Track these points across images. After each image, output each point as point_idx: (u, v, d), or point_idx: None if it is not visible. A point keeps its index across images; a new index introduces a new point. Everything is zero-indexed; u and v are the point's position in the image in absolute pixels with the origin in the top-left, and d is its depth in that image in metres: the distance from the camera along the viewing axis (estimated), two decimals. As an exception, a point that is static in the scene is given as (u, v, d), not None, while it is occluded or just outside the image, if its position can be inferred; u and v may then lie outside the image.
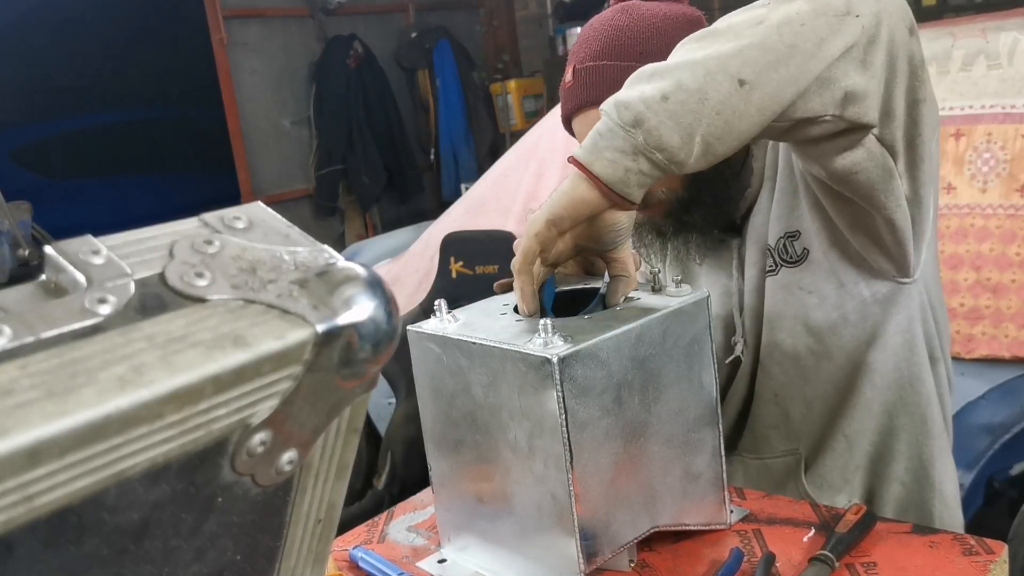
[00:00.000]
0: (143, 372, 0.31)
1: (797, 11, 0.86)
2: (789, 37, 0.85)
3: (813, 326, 1.13)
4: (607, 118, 0.87)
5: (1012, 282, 1.84)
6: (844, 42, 0.86)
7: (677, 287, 0.93)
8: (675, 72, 0.85)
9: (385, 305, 0.38)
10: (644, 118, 0.84)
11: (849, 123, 0.90)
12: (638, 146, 0.85)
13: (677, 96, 0.84)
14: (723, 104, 0.84)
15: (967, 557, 0.88)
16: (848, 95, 0.88)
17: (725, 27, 0.88)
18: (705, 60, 0.85)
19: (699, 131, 0.84)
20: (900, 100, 0.92)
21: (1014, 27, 1.89)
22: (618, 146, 0.86)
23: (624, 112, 0.85)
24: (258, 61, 4.95)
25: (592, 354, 0.83)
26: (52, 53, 5.22)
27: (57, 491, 0.29)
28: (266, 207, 0.41)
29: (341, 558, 1.03)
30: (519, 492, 0.89)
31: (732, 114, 0.85)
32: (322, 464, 0.42)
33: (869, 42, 0.87)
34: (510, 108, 5.49)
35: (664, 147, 0.85)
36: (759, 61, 0.84)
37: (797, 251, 1.12)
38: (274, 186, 5.06)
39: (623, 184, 0.87)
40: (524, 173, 2.77)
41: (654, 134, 0.84)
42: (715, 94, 0.84)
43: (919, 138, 0.97)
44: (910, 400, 1.15)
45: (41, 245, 1.86)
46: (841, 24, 0.85)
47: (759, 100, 0.85)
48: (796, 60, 0.85)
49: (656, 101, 0.84)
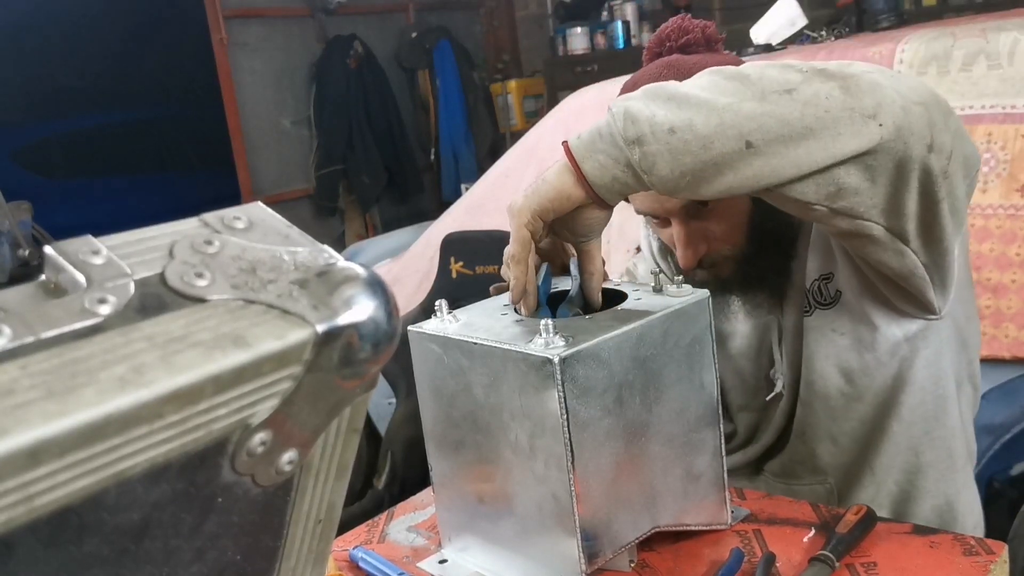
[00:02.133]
0: (143, 372, 0.31)
1: (827, 95, 0.84)
2: (810, 119, 0.83)
3: (845, 368, 1.12)
4: (612, 122, 0.86)
5: (1012, 282, 1.84)
6: (858, 145, 0.84)
7: (678, 287, 0.93)
8: (691, 109, 0.84)
9: (385, 305, 0.38)
10: (646, 140, 0.84)
11: (839, 214, 0.89)
12: (631, 162, 0.85)
13: (684, 135, 0.83)
14: (724, 158, 0.84)
15: (967, 557, 0.87)
16: (841, 190, 0.86)
17: (756, 78, 0.86)
18: (723, 110, 0.84)
19: (692, 172, 0.85)
20: (912, 201, 0.90)
21: (1014, 27, 1.89)
22: (612, 154, 0.86)
23: (629, 126, 0.85)
24: (258, 61, 4.95)
25: (593, 354, 0.83)
26: (52, 53, 5.22)
27: (57, 491, 0.29)
28: (266, 207, 0.41)
29: (341, 558, 1.03)
30: (520, 492, 0.89)
31: (729, 170, 0.84)
32: (322, 464, 0.41)
33: (882, 152, 0.85)
34: (510, 108, 5.49)
35: (654, 173, 0.85)
36: (772, 131, 0.83)
37: (831, 293, 1.11)
38: (274, 186, 5.06)
39: (606, 189, 0.88)
40: (524, 173, 2.77)
41: (649, 159, 0.84)
42: (720, 146, 0.83)
43: (936, 226, 0.93)
44: (936, 434, 1.14)
45: (41, 245, 1.86)
46: (863, 127, 0.83)
47: (759, 167, 0.84)
48: (807, 145, 0.84)
49: (663, 131, 0.84)
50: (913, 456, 1.15)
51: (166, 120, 5.83)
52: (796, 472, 1.20)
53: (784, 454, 1.21)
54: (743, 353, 1.23)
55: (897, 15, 3.03)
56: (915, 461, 1.15)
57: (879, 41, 2.12)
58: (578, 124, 1.16)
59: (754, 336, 1.22)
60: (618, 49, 5.00)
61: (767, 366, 1.21)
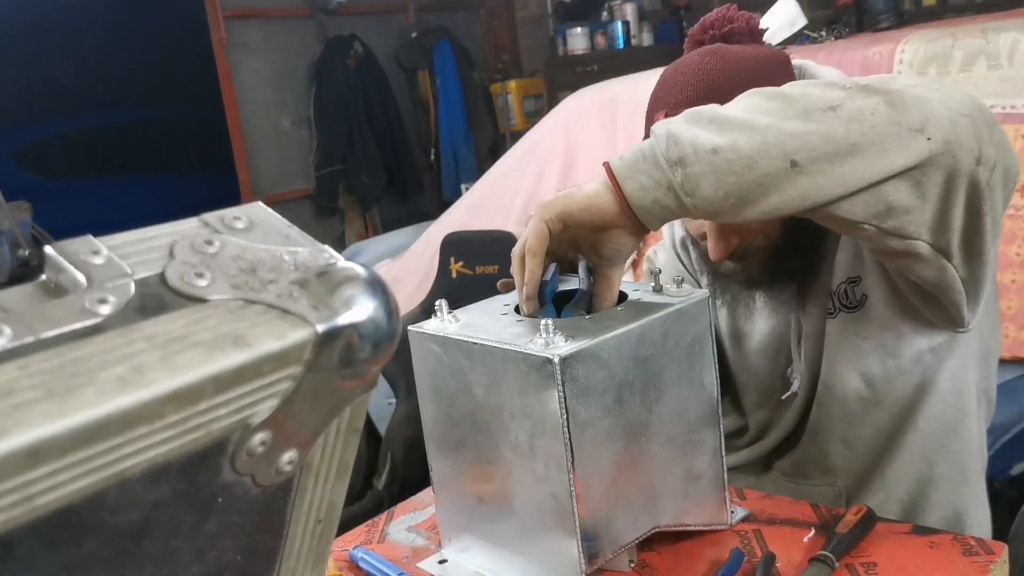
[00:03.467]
0: (143, 372, 0.31)
1: (872, 110, 0.83)
2: (855, 136, 0.82)
3: (867, 373, 1.11)
4: (655, 143, 0.85)
5: (1012, 282, 1.84)
6: (905, 160, 0.82)
7: (678, 287, 0.93)
8: (734, 129, 0.83)
9: (385, 305, 0.38)
10: (689, 162, 0.83)
11: (889, 234, 0.88)
12: (673, 184, 0.84)
13: (727, 155, 0.82)
14: (768, 178, 0.83)
15: (967, 557, 0.87)
16: (891, 209, 0.85)
17: (799, 96, 0.85)
18: (766, 129, 0.83)
19: (736, 194, 0.83)
20: (958, 215, 0.88)
21: (1014, 27, 1.89)
22: (655, 176, 0.85)
23: (672, 147, 0.84)
24: (258, 61, 4.94)
25: (593, 354, 0.83)
26: (52, 53, 5.22)
27: (57, 491, 0.29)
28: (266, 207, 0.41)
29: (341, 558, 1.03)
30: (520, 492, 0.89)
31: (774, 190, 0.83)
32: (322, 464, 0.41)
33: (931, 166, 0.83)
34: (510, 108, 5.49)
35: (697, 196, 0.84)
36: (817, 149, 0.82)
37: (857, 296, 1.10)
38: (274, 186, 5.06)
39: (646, 212, 0.86)
40: (524, 173, 2.77)
41: (692, 180, 0.83)
42: (764, 166, 0.82)
43: (979, 240, 0.92)
44: (952, 447, 1.13)
45: (41, 245, 1.86)
46: (910, 141, 0.82)
47: (805, 186, 0.83)
48: (853, 162, 0.82)
49: (706, 151, 0.83)
50: (927, 467, 1.13)
51: (166, 120, 5.82)
52: (806, 472, 1.20)
53: (795, 453, 1.20)
54: (761, 351, 1.22)
55: (897, 15, 3.03)
56: (928, 472, 1.14)
57: (879, 41, 2.12)
58: (578, 124, 1.16)
59: (773, 334, 1.21)
60: (618, 49, 4.99)
61: (784, 364, 1.20)
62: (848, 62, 2.10)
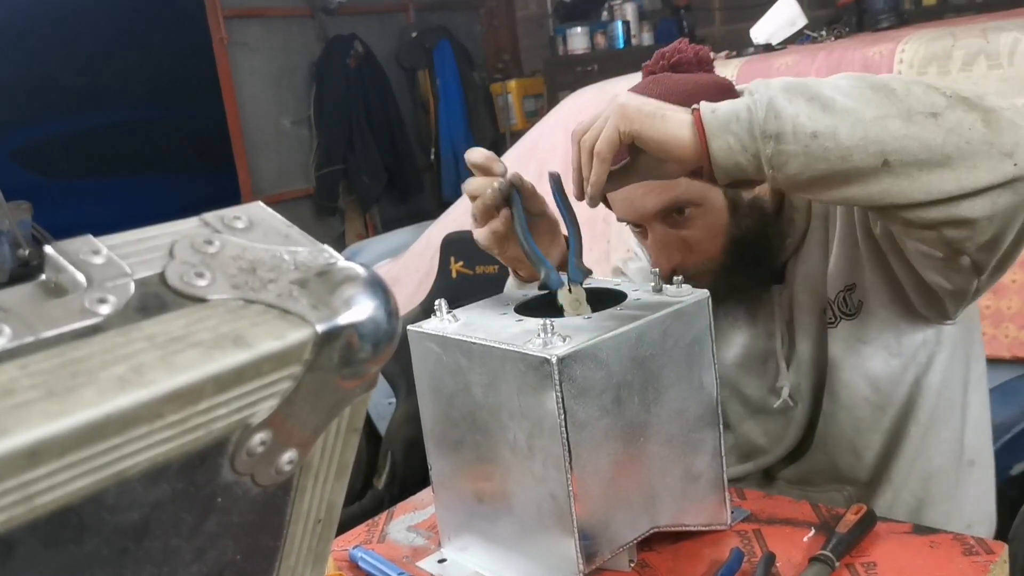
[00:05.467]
0: (143, 372, 0.31)
1: (970, 125, 0.83)
2: (951, 148, 0.83)
3: (872, 376, 1.13)
4: (753, 109, 0.85)
5: (1012, 282, 1.84)
6: (990, 180, 0.83)
7: (677, 287, 0.93)
8: (837, 115, 0.83)
9: (385, 305, 0.38)
10: (785, 139, 0.83)
11: (947, 245, 0.89)
12: (762, 155, 0.84)
13: (825, 142, 0.83)
14: (857, 171, 0.84)
15: (967, 557, 0.87)
16: (959, 222, 0.86)
17: (903, 94, 0.85)
18: (869, 123, 0.83)
19: (820, 178, 0.85)
20: (1008, 239, 0.90)
21: (1014, 27, 1.89)
22: (745, 142, 0.85)
23: (772, 120, 0.84)
24: (258, 61, 4.94)
25: (591, 354, 0.83)
26: (52, 53, 5.21)
27: (57, 491, 0.29)
28: (266, 207, 0.41)
29: (341, 558, 1.03)
30: (519, 492, 0.89)
31: (857, 182, 0.84)
32: (322, 464, 0.41)
33: (1009, 191, 0.84)
34: (510, 108, 5.49)
35: (782, 172, 0.85)
36: (912, 154, 0.83)
37: (854, 303, 1.12)
38: (274, 186, 5.06)
39: (723, 171, 0.87)
40: (524, 173, 2.76)
41: (782, 157, 0.84)
42: (857, 160, 0.83)
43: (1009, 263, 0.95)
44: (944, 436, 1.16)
45: (41, 245, 1.86)
46: (999, 163, 0.83)
47: (888, 186, 0.84)
48: (942, 173, 0.83)
49: (805, 133, 0.83)
50: (927, 461, 1.16)
51: (166, 120, 5.82)
52: (814, 480, 1.21)
53: (801, 464, 1.21)
54: (739, 364, 1.23)
55: (897, 15, 3.03)
56: (928, 467, 1.16)
57: (879, 41, 2.12)
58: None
59: (753, 347, 1.21)
60: (618, 49, 4.99)
61: (770, 377, 1.21)
62: (848, 62, 2.11)
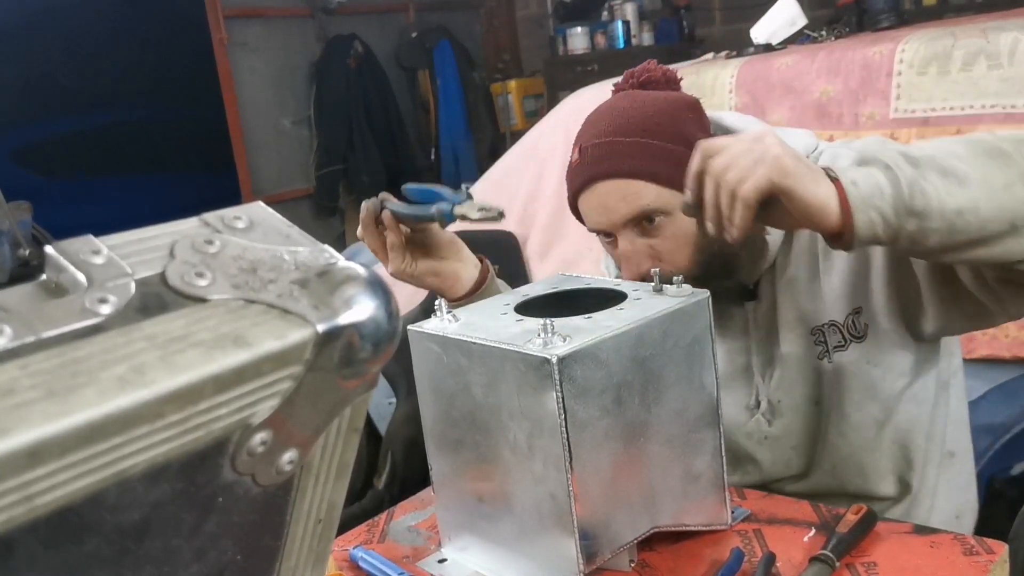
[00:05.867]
0: (143, 372, 0.31)
1: None
2: None
3: (880, 395, 1.15)
4: (897, 185, 0.85)
5: (1012, 282, 1.84)
6: None
7: (678, 287, 0.93)
8: (973, 189, 0.85)
9: (386, 305, 0.38)
10: (931, 217, 0.84)
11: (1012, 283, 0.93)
12: (903, 230, 0.85)
13: (969, 217, 0.84)
14: (990, 237, 0.85)
15: (967, 557, 0.87)
16: None
17: (1019, 157, 0.87)
18: (1000, 191, 0.85)
19: (951, 246, 0.86)
20: None
21: (1014, 27, 1.89)
22: (887, 217, 0.85)
23: (918, 197, 0.84)
24: (258, 61, 4.94)
25: (592, 354, 0.83)
26: (52, 53, 5.21)
27: (57, 491, 0.29)
28: (266, 207, 0.41)
29: (341, 558, 1.03)
30: (519, 492, 0.89)
31: (984, 245, 0.86)
32: (322, 464, 0.41)
33: None
34: (510, 108, 5.48)
35: (921, 245, 0.86)
36: None
37: (861, 326, 1.13)
38: (274, 186, 5.06)
39: (860, 240, 0.87)
40: (524, 173, 2.77)
41: (924, 233, 0.85)
42: (992, 228, 0.85)
43: None
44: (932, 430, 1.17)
45: (41, 245, 1.86)
46: None
47: (1010, 246, 0.86)
48: None
49: (951, 211, 0.84)
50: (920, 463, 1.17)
51: (166, 120, 5.81)
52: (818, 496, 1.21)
53: (806, 483, 1.22)
54: None
55: (897, 15, 3.03)
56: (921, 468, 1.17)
57: (879, 41, 2.12)
58: (578, 124, 1.16)
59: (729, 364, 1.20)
60: (618, 49, 4.99)
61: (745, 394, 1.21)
62: (848, 62, 2.11)
